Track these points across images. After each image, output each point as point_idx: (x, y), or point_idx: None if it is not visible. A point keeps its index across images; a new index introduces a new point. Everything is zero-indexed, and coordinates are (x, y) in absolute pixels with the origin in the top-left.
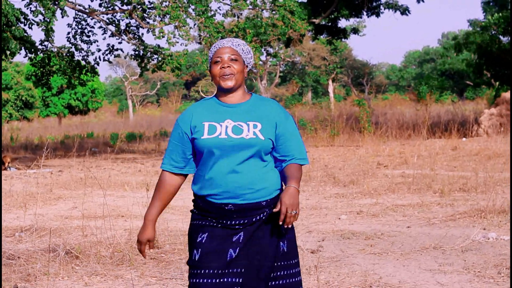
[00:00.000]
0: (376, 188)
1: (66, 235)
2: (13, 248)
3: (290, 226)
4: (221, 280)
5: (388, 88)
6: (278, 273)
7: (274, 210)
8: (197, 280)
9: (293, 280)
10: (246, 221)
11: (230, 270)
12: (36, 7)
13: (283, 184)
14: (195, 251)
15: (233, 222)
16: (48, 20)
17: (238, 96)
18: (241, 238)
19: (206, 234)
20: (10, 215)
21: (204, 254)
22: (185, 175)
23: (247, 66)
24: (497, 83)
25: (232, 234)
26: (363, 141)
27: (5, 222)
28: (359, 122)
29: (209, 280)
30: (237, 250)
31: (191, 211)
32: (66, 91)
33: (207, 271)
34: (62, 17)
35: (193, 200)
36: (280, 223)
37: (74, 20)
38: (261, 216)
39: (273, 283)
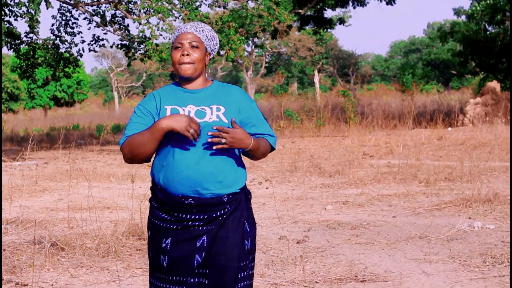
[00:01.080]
0: (362, 178)
1: (52, 227)
2: None
3: (214, 140)
4: (188, 283)
5: (374, 78)
6: (243, 274)
7: (209, 133)
8: (167, 286)
9: (249, 273)
10: (206, 216)
11: (197, 272)
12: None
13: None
14: (162, 257)
15: (192, 217)
16: (33, 12)
17: (199, 82)
18: (205, 242)
19: (169, 239)
20: None
21: (172, 261)
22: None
23: (209, 54)
24: (482, 72)
25: (195, 238)
26: (349, 131)
27: None
28: (345, 113)
29: (178, 287)
30: (203, 254)
31: (150, 201)
32: (51, 83)
33: (176, 278)
34: (47, 8)
35: (151, 189)
36: (209, 140)
37: (58, 12)
38: (222, 212)
39: (240, 285)
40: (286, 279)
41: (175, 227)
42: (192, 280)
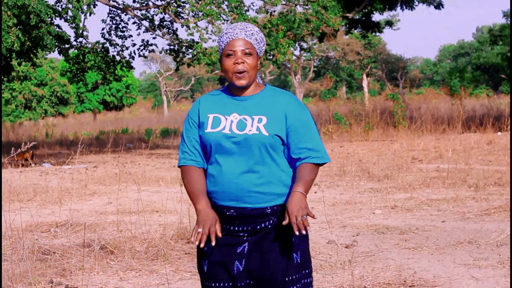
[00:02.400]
0: (411, 183)
1: (101, 230)
2: (48, 243)
3: (304, 232)
4: None
5: (423, 82)
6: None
7: (284, 223)
8: None
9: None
10: (249, 228)
11: (239, 284)
12: (65, 4)
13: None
14: (202, 261)
15: (236, 229)
16: (73, 16)
17: (250, 89)
18: (246, 249)
19: (210, 243)
20: (45, 210)
21: (211, 266)
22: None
23: (260, 57)
24: None
25: (236, 244)
26: (398, 136)
27: (41, 218)
28: (394, 117)
29: None
30: (243, 262)
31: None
32: (100, 87)
33: (217, 284)
34: (90, 14)
35: None
36: (297, 233)
37: (108, 16)
38: (267, 224)
39: None
40: (335, 283)
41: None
42: None
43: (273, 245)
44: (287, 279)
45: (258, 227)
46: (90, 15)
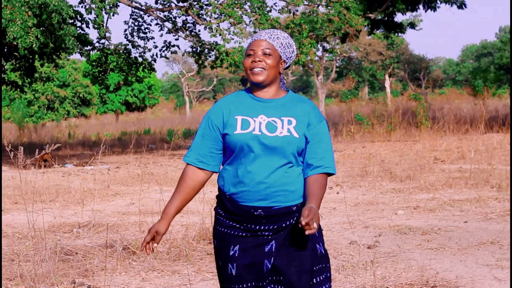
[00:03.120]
0: (433, 183)
1: (123, 231)
2: (71, 243)
3: (312, 231)
4: None
5: (445, 82)
6: (318, 279)
7: (301, 223)
8: None
9: (327, 276)
10: (275, 226)
11: (269, 279)
12: (89, 5)
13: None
14: (230, 266)
15: (261, 228)
16: (96, 16)
17: (272, 92)
18: (274, 247)
19: (238, 246)
20: (68, 211)
21: (241, 268)
22: (211, 172)
23: (284, 62)
24: None
25: (264, 244)
26: (420, 136)
27: (63, 218)
28: (416, 117)
29: None
30: (272, 260)
31: (215, 210)
32: (123, 87)
33: (245, 285)
34: (113, 15)
35: (217, 197)
36: (307, 232)
37: (130, 17)
38: (291, 221)
39: None
40: (357, 284)
41: (244, 234)
42: (268, 287)
43: (297, 239)
44: (314, 268)
45: (284, 225)
46: (113, 15)
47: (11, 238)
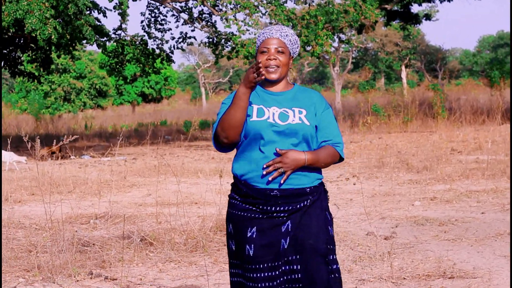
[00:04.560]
0: (450, 174)
1: (140, 222)
2: (88, 235)
3: (271, 176)
4: (279, 270)
5: (462, 73)
6: (333, 256)
7: (265, 165)
8: (255, 275)
9: (336, 257)
10: (291, 207)
11: (286, 259)
12: None
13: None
14: (247, 247)
15: (277, 209)
16: (120, 2)
17: (281, 85)
18: (290, 227)
19: (255, 228)
20: (85, 202)
21: (259, 249)
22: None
23: (292, 57)
24: None
25: (280, 224)
26: (437, 127)
27: (80, 210)
28: (433, 108)
29: (267, 274)
30: (288, 239)
31: (230, 196)
32: (139, 79)
33: (264, 265)
34: (134, 0)
35: (232, 184)
36: (264, 172)
37: (147, 8)
38: (305, 203)
39: (333, 267)
40: (374, 275)
41: (260, 216)
42: (283, 267)
43: (311, 219)
44: (329, 247)
45: (298, 206)
46: (134, 0)
47: (28, 229)
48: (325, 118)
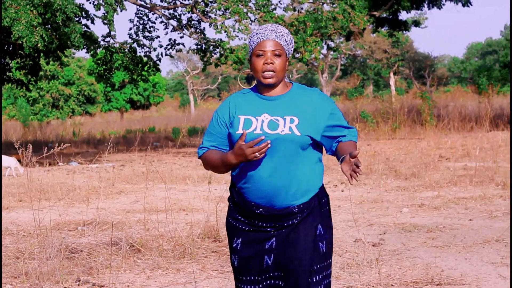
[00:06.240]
0: (438, 181)
1: (128, 228)
2: (75, 241)
3: (355, 180)
4: (263, 284)
5: (450, 80)
6: (318, 277)
7: (354, 154)
8: (242, 286)
9: (327, 281)
10: (277, 224)
11: (270, 275)
12: (97, 1)
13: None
14: (233, 256)
15: (264, 224)
16: (106, 12)
17: (278, 89)
18: (274, 244)
19: (240, 240)
20: (73, 209)
21: (242, 261)
22: None
23: (288, 58)
24: None
25: (264, 240)
26: (425, 134)
27: (68, 216)
28: (421, 115)
29: (252, 286)
30: (272, 256)
31: (228, 199)
32: (127, 85)
33: (248, 277)
34: (121, 10)
35: (230, 188)
36: (350, 177)
37: (135, 16)
38: (294, 221)
39: None
40: (362, 282)
41: (247, 228)
42: (267, 281)
43: (298, 237)
44: (314, 267)
45: (285, 224)
46: (121, 11)
47: (16, 236)
48: (333, 116)
